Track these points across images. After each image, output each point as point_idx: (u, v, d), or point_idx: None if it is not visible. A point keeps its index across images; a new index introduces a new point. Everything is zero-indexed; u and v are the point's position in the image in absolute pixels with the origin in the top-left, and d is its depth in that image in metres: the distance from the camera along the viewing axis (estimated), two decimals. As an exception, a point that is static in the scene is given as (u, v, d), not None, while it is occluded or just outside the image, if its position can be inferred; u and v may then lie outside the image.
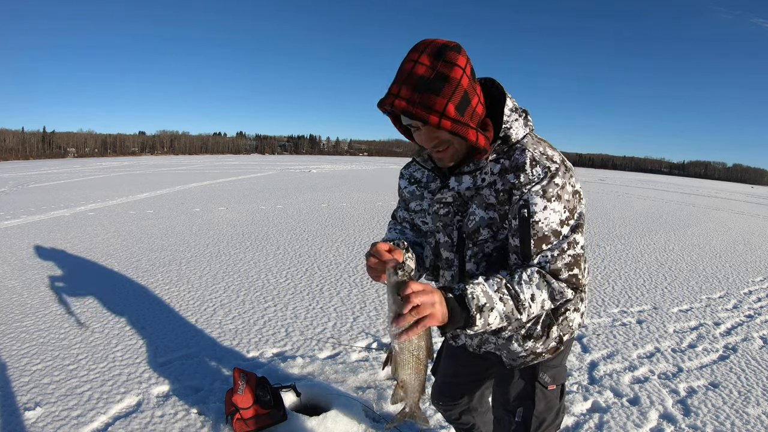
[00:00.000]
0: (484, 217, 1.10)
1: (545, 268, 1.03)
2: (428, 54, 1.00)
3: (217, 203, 8.75)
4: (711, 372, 2.75)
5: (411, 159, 1.32)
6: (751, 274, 5.19)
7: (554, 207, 1.02)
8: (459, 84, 0.99)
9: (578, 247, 1.05)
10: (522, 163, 1.05)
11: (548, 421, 1.28)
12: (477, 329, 0.96)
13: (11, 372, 2.42)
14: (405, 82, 0.99)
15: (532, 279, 1.01)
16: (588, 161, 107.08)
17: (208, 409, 2.15)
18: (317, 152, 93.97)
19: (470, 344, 1.34)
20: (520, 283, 1.00)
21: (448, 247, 1.18)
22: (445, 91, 0.98)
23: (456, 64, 0.99)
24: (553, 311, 1.19)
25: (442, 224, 1.18)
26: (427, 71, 0.98)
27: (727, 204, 15.59)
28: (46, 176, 15.09)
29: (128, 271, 4.25)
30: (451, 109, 0.98)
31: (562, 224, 1.03)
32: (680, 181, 37.28)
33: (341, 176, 17.44)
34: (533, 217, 1.02)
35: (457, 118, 0.99)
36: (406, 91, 0.98)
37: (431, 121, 0.98)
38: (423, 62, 0.99)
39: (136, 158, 41.10)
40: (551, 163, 1.05)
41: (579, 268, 1.05)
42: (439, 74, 0.98)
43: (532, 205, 1.02)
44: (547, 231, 1.02)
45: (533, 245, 1.03)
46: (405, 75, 0.99)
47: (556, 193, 1.03)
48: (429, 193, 1.24)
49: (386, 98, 1.01)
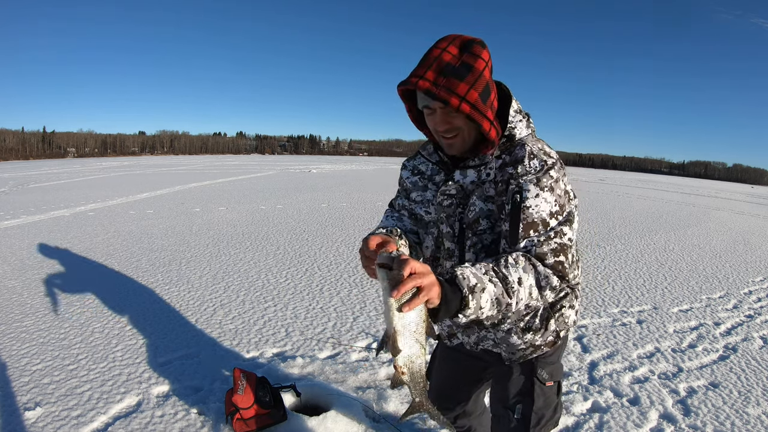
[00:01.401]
0: (483, 208, 1.14)
1: (531, 251, 1.04)
2: (456, 45, 1.06)
3: (217, 203, 8.75)
4: (711, 372, 2.75)
5: (416, 152, 1.36)
6: (751, 274, 5.19)
7: (546, 197, 1.06)
8: (482, 74, 1.05)
9: (565, 238, 1.07)
10: (521, 156, 1.10)
11: (547, 417, 1.30)
12: (470, 313, 0.93)
13: (11, 372, 2.42)
14: (431, 66, 1.04)
15: (518, 262, 1.01)
16: (588, 161, 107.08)
17: (208, 409, 2.15)
18: (317, 152, 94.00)
19: (467, 342, 1.34)
20: (507, 267, 1.00)
21: (450, 238, 1.21)
22: (468, 79, 1.03)
23: (480, 57, 1.05)
24: (550, 306, 1.22)
25: (446, 215, 1.20)
26: (453, 59, 1.04)
27: (727, 204, 15.59)
28: (46, 176, 15.09)
29: (128, 271, 4.25)
30: (473, 95, 1.03)
31: (552, 216, 1.06)
32: (680, 181, 37.29)
33: (341, 176, 17.44)
34: (524, 203, 1.05)
35: (477, 105, 1.04)
36: (432, 74, 1.03)
37: (452, 102, 1.02)
38: (450, 51, 1.05)
39: (136, 158, 41.12)
40: (548, 158, 1.10)
41: (565, 257, 1.06)
42: (464, 63, 1.04)
43: (525, 191, 1.06)
44: (536, 218, 1.05)
45: (521, 230, 1.05)
46: (432, 60, 1.05)
47: (549, 185, 1.07)
48: (433, 184, 1.27)
49: (409, 78, 1.06)
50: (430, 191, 1.28)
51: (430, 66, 1.04)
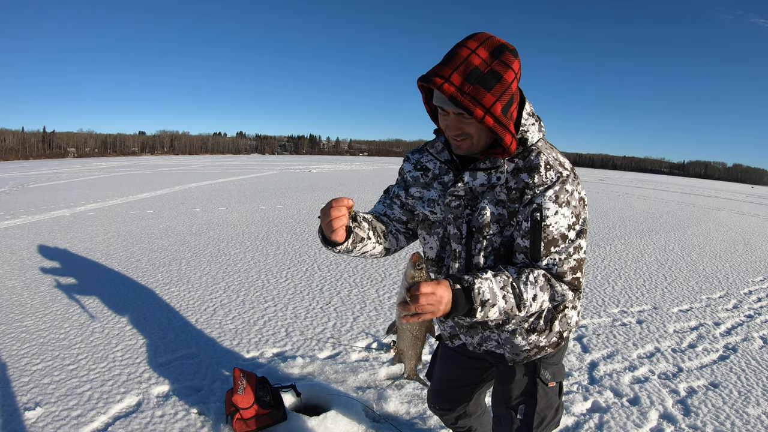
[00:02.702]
0: (494, 212, 1.13)
1: (551, 270, 1.08)
2: (486, 48, 1.01)
3: (217, 203, 8.75)
4: (711, 372, 2.75)
5: (422, 146, 1.32)
6: (751, 274, 5.20)
7: (564, 212, 1.07)
8: (509, 87, 1.01)
9: (582, 252, 1.11)
10: (537, 164, 1.08)
11: (549, 418, 1.31)
12: (475, 320, 1.03)
13: (11, 372, 2.42)
14: (458, 68, 0.99)
15: (538, 281, 1.06)
16: (588, 161, 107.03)
17: (208, 409, 2.15)
18: (317, 152, 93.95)
19: (470, 343, 1.34)
20: (526, 284, 1.04)
21: (457, 239, 1.20)
22: (496, 90, 0.99)
23: (511, 67, 1.01)
24: (554, 307, 1.22)
25: (453, 216, 1.19)
26: (482, 64, 0.99)
27: (727, 204, 15.58)
28: (46, 176, 15.09)
29: (128, 271, 4.25)
30: (498, 108, 1.00)
31: (570, 228, 1.08)
32: (680, 181, 37.27)
33: (341, 176, 17.44)
34: (545, 221, 1.06)
35: (501, 118, 1.01)
36: (458, 78, 0.99)
37: (476, 114, 0.99)
38: (480, 54, 1.00)
39: (136, 158, 41.08)
40: (563, 169, 1.09)
41: (581, 272, 1.11)
42: (494, 71, 0.99)
43: (544, 209, 1.06)
44: (556, 234, 1.07)
45: (543, 248, 1.07)
46: (460, 61, 0.99)
47: (566, 199, 1.08)
48: (439, 184, 1.25)
49: (433, 77, 1.00)
50: (435, 190, 1.25)
51: (456, 68, 0.98)
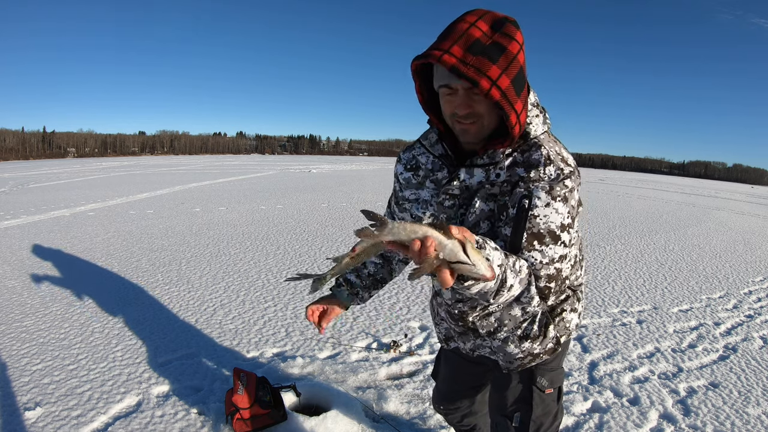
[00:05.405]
0: (485, 209, 1.04)
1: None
2: (486, 21, 0.93)
3: (217, 203, 8.75)
4: (711, 372, 2.75)
5: (415, 141, 1.21)
6: (751, 274, 5.19)
7: (558, 207, 0.96)
8: (515, 58, 0.92)
9: (566, 261, 1.00)
10: (536, 159, 0.99)
11: (546, 425, 1.27)
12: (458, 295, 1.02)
13: (11, 372, 2.42)
14: (458, 41, 0.90)
15: (522, 271, 0.93)
16: (588, 161, 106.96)
17: (208, 409, 2.15)
18: (317, 152, 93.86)
19: (463, 347, 1.30)
20: (513, 270, 0.90)
21: None
22: (501, 62, 0.90)
23: (514, 39, 0.92)
24: (550, 310, 1.16)
25: (446, 216, 1.12)
26: (483, 36, 0.91)
27: (727, 204, 15.58)
28: (46, 176, 15.08)
29: (128, 271, 4.24)
30: (506, 80, 0.91)
31: (563, 229, 0.97)
32: (680, 181, 37.26)
33: (341, 176, 17.43)
34: (533, 210, 0.95)
35: (508, 93, 0.91)
36: (458, 50, 0.90)
37: (482, 84, 0.88)
38: (480, 27, 0.92)
39: (136, 158, 41.08)
40: (565, 165, 1.00)
41: (555, 283, 0.99)
42: (497, 43, 0.91)
43: (534, 198, 0.96)
44: (544, 229, 0.95)
45: (525, 239, 0.95)
46: (458, 34, 0.91)
47: (563, 195, 0.97)
48: (432, 182, 1.15)
49: (431, 51, 0.92)
50: (427, 190, 1.16)
51: (456, 41, 0.90)
